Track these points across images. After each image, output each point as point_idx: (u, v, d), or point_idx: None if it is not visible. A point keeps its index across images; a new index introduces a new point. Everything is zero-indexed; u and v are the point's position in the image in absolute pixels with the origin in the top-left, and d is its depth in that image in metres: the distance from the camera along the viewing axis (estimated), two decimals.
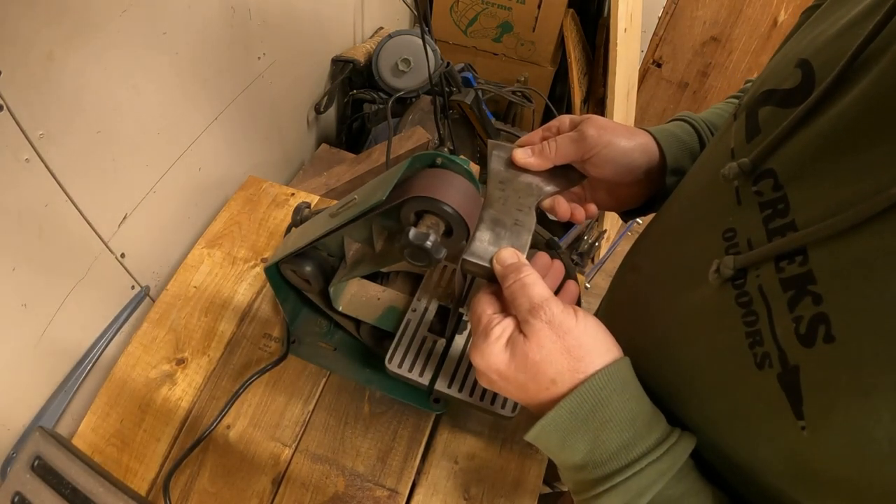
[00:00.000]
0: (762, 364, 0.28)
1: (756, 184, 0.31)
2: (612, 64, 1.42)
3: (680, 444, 0.33)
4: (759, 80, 0.36)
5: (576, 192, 0.49)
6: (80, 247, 0.64)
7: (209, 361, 0.69)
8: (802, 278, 0.26)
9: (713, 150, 0.40)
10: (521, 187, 0.44)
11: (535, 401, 0.35)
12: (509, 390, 0.37)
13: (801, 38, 0.34)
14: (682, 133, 0.47)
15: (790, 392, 0.26)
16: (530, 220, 0.42)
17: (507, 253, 0.38)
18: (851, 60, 0.27)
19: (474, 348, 0.37)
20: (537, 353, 0.34)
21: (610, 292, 0.57)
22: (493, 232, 0.41)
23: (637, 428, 0.33)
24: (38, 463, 0.51)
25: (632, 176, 0.45)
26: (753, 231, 0.30)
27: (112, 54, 0.60)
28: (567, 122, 0.46)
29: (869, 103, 0.25)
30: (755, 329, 0.28)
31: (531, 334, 0.34)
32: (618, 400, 0.33)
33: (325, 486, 0.60)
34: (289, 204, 0.86)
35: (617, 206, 0.50)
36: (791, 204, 0.28)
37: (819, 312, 0.25)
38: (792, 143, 0.29)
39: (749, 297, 0.29)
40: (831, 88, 0.28)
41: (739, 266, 0.30)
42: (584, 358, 0.34)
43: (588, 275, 1.67)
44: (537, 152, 0.44)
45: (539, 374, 0.34)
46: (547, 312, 0.34)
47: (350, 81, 1.24)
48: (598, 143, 0.43)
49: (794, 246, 0.27)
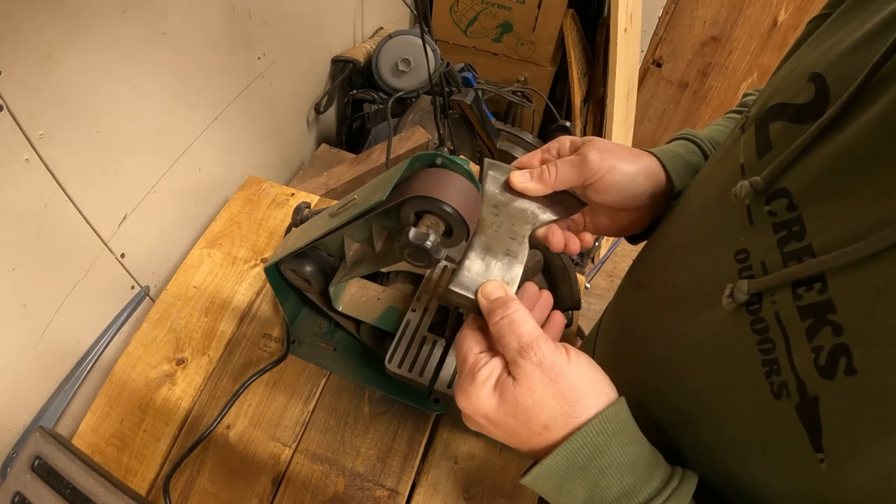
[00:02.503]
0: (779, 394, 0.27)
1: (769, 203, 0.30)
2: (612, 64, 1.42)
3: (683, 487, 0.32)
4: (768, 93, 0.34)
5: (574, 217, 0.47)
6: (80, 247, 0.64)
7: (209, 361, 0.69)
8: (821, 307, 0.25)
9: (720, 164, 0.38)
10: (516, 213, 0.42)
11: (527, 446, 0.34)
12: (498, 434, 0.35)
13: (811, 49, 0.33)
14: (686, 153, 0.45)
15: (809, 424, 0.25)
16: (523, 251, 0.40)
17: (492, 286, 0.36)
18: (868, 77, 0.26)
19: (460, 390, 0.35)
20: (528, 397, 0.32)
21: (614, 308, 0.56)
22: (483, 261, 0.39)
23: (638, 473, 0.32)
24: (38, 463, 0.51)
25: (636, 201, 0.43)
26: (768, 253, 0.29)
27: (112, 54, 0.60)
28: (567, 145, 0.44)
29: (889, 122, 0.24)
30: (772, 357, 0.28)
31: (521, 377, 0.32)
32: (616, 445, 0.32)
33: (325, 486, 0.60)
34: (289, 204, 0.86)
35: (619, 231, 0.48)
36: (807, 226, 0.27)
37: (840, 343, 0.24)
38: (807, 161, 0.28)
39: (765, 324, 0.28)
40: (847, 106, 0.27)
41: (754, 291, 0.29)
42: (578, 402, 0.32)
43: (588, 275, 1.67)
44: (536, 176, 0.42)
45: (531, 419, 0.32)
46: (537, 353, 0.32)
47: (350, 81, 1.25)
48: (601, 168, 0.41)
49: (812, 272, 0.26)
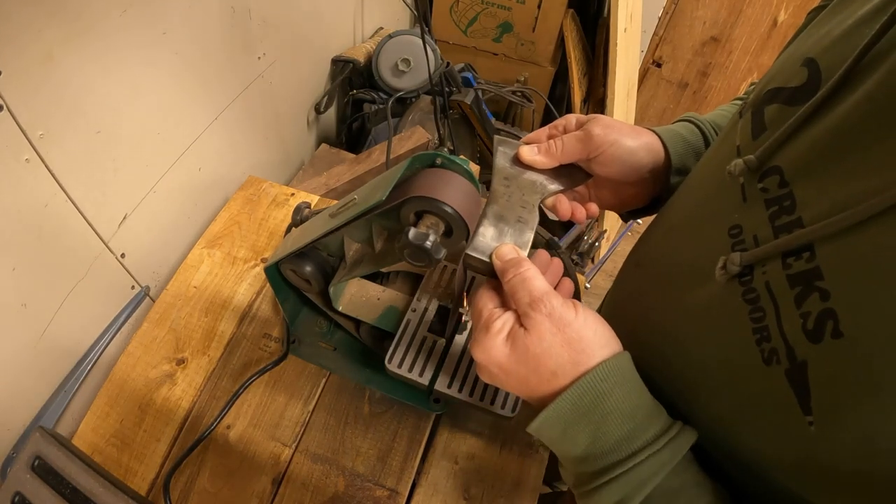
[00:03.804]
0: (769, 360, 0.28)
1: (762, 181, 0.31)
2: (612, 64, 1.42)
3: (681, 437, 0.33)
4: (765, 79, 0.36)
5: (578, 191, 0.49)
6: (80, 247, 0.64)
7: (209, 361, 0.69)
8: (809, 274, 0.26)
9: (718, 147, 0.40)
10: (526, 184, 0.45)
11: (537, 394, 0.36)
12: (510, 384, 0.37)
13: (806, 37, 0.34)
14: (686, 133, 0.47)
15: (798, 388, 0.26)
16: (533, 218, 0.42)
17: (506, 248, 0.39)
18: (858, 59, 0.27)
19: (475, 342, 0.37)
20: (538, 345, 0.34)
21: (614, 289, 0.57)
22: (496, 228, 0.41)
23: (638, 420, 0.33)
24: (38, 463, 0.51)
25: (637, 175, 0.46)
26: (759, 228, 0.30)
27: (112, 54, 0.60)
28: (573, 121, 0.46)
29: (876, 101, 0.25)
30: (762, 325, 0.29)
31: (532, 327, 0.34)
32: (619, 392, 0.33)
33: (325, 486, 0.60)
34: (289, 204, 0.86)
35: (621, 205, 0.51)
36: (797, 201, 0.28)
37: (827, 308, 0.25)
38: (798, 140, 0.29)
39: (756, 294, 0.29)
40: (838, 86, 0.28)
41: (746, 262, 0.30)
42: (584, 350, 0.34)
43: (588, 275, 1.67)
44: (544, 150, 0.45)
45: (540, 366, 0.34)
46: (547, 305, 0.35)
47: (350, 81, 1.25)
48: (604, 142, 0.43)
49: (801, 242, 0.27)
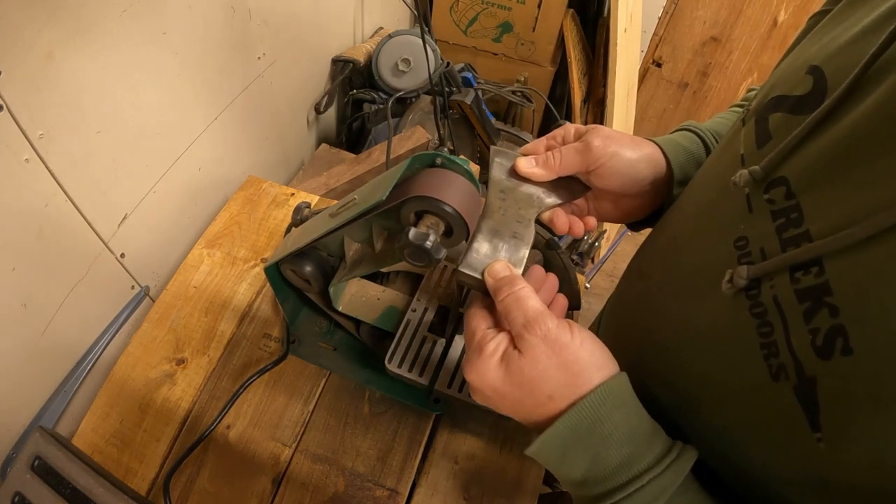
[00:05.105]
0: (777, 376, 0.27)
1: (768, 192, 0.30)
2: (612, 64, 1.42)
3: (681, 459, 0.33)
4: (768, 86, 0.35)
5: (578, 202, 0.48)
6: (79, 247, 0.64)
7: (209, 361, 0.69)
8: (818, 289, 0.26)
9: (720, 155, 0.39)
10: (522, 198, 0.43)
11: (533, 417, 0.35)
12: (505, 406, 0.36)
13: (810, 43, 0.34)
14: (687, 143, 0.47)
15: (806, 404, 0.26)
16: (529, 234, 0.41)
17: (499, 266, 0.38)
18: (865, 69, 0.26)
19: (468, 364, 0.36)
20: (533, 368, 0.34)
21: (616, 298, 0.57)
22: (490, 244, 0.40)
23: (637, 443, 0.33)
24: (38, 463, 0.51)
25: (637, 187, 0.45)
26: (766, 240, 0.30)
27: (112, 54, 0.60)
28: (572, 132, 0.45)
29: (884, 112, 0.25)
30: (770, 340, 0.28)
31: (526, 350, 0.34)
32: (617, 415, 0.33)
33: (325, 486, 0.60)
34: (289, 204, 0.86)
35: (622, 217, 0.49)
36: (805, 213, 0.28)
37: (836, 324, 0.25)
38: (805, 150, 0.29)
39: (763, 308, 0.29)
40: (844, 96, 0.27)
41: (753, 276, 0.29)
42: (581, 373, 0.33)
43: (588, 275, 1.67)
44: (541, 162, 0.44)
45: (535, 390, 0.34)
46: (542, 327, 0.34)
47: (350, 81, 1.25)
48: (604, 154, 0.42)
49: (810, 256, 0.26)
